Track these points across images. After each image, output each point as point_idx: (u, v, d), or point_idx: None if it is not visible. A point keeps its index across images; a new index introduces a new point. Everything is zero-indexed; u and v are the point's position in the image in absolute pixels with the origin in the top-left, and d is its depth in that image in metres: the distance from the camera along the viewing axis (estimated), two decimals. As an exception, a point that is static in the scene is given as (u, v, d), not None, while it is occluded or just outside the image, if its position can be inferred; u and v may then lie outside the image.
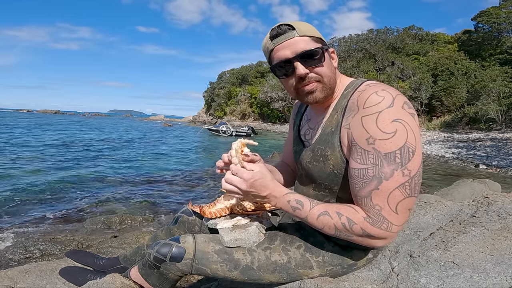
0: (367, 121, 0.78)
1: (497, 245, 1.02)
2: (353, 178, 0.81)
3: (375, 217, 0.78)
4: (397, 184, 0.75)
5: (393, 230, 0.79)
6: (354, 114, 0.82)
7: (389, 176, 0.75)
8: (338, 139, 0.86)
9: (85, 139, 18.17)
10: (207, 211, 1.11)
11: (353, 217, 0.80)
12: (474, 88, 23.59)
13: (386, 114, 0.76)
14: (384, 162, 0.75)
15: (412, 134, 0.75)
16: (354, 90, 0.88)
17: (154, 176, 7.94)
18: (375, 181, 0.76)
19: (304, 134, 1.07)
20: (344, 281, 0.95)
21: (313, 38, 0.88)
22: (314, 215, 0.84)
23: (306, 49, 0.86)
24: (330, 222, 0.82)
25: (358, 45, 38.01)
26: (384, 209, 0.77)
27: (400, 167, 0.75)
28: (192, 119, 72.85)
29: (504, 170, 9.82)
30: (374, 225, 0.78)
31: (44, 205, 4.91)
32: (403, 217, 0.79)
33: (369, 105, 0.78)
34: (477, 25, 31.45)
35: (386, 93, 0.78)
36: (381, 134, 0.75)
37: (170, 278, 0.97)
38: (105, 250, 2.46)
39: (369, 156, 0.77)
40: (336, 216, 0.81)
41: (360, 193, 0.80)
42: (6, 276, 1.32)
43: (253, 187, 0.86)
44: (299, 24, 0.88)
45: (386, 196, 0.76)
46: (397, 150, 0.75)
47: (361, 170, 0.79)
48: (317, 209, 0.84)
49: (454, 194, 1.98)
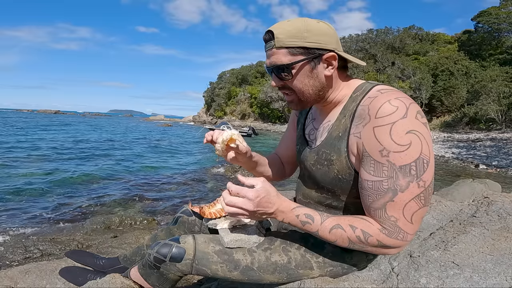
0: (380, 132, 0.75)
1: (497, 245, 1.02)
2: (366, 190, 0.80)
3: (391, 228, 0.77)
4: (412, 196, 0.75)
5: (408, 239, 0.79)
6: (365, 123, 0.79)
7: (404, 188, 0.74)
8: (345, 146, 0.84)
9: (85, 139, 18.17)
10: (207, 212, 1.11)
11: (368, 230, 0.79)
12: (474, 88, 23.61)
13: (400, 126, 0.74)
14: (400, 174, 0.74)
15: (426, 145, 0.74)
16: (364, 94, 0.85)
17: (154, 176, 7.94)
18: (390, 193, 0.75)
19: (308, 134, 1.06)
20: (344, 281, 0.95)
21: (290, 51, 0.82)
22: (326, 229, 0.82)
23: (277, 63, 0.84)
24: (343, 235, 0.81)
25: (358, 45, 38.02)
26: (400, 220, 0.77)
27: (415, 179, 0.74)
28: (192, 119, 72.87)
29: (504, 170, 9.82)
30: (390, 236, 0.78)
31: (44, 205, 4.91)
32: (417, 225, 0.79)
33: (382, 115, 0.75)
34: (477, 25, 31.46)
35: (400, 102, 0.76)
36: (395, 146, 0.74)
37: (170, 279, 0.97)
38: (105, 250, 2.46)
39: (383, 169, 0.76)
40: (350, 229, 0.80)
41: (373, 205, 0.79)
42: (6, 276, 1.32)
43: (260, 206, 0.81)
44: (282, 31, 0.82)
45: (402, 208, 0.76)
46: (413, 162, 0.73)
47: (375, 182, 0.77)
48: (328, 223, 0.82)
49: (454, 194, 1.98)
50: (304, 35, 0.82)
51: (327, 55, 0.84)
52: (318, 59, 0.84)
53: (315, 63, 0.85)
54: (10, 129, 24.53)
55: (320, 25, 0.84)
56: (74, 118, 66.70)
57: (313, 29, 0.83)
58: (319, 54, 0.83)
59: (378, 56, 33.85)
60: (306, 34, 0.82)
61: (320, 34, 0.83)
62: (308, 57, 0.83)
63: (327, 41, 0.83)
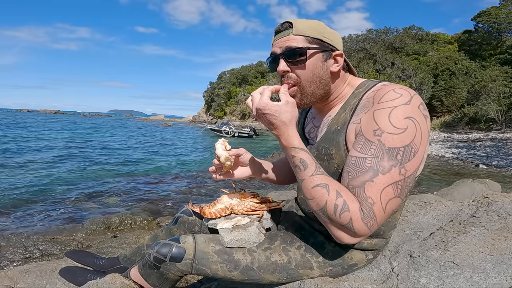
0: (379, 114, 0.76)
1: (497, 245, 1.02)
2: (348, 165, 0.79)
3: (367, 211, 0.74)
4: (392, 181, 0.74)
5: (372, 229, 0.76)
6: (367, 110, 0.80)
7: (386, 171, 0.73)
8: (343, 138, 0.85)
9: (84, 139, 18.17)
10: (207, 211, 1.11)
11: (350, 204, 0.74)
12: (474, 88, 23.60)
13: (400, 110, 0.74)
14: (386, 156, 0.74)
15: (420, 135, 0.74)
16: (368, 89, 0.86)
17: (154, 176, 7.94)
18: (371, 173, 0.74)
19: (308, 132, 1.06)
20: (344, 281, 0.95)
21: (308, 39, 0.86)
22: (312, 183, 0.78)
23: (292, 46, 0.86)
24: (323, 197, 0.77)
25: (358, 45, 38.02)
26: (376, 204, 0.74)
27: (398, 164, 0.73)
28: (192, 119, 72.87)
29: (504, 170, 9.82)
30: (363, 220, 0.74)
31: (44, 205, 4.91)
32: (386, 218, 0.76)
33: (385, 100, 0.77)
34: (477, 25, 31.47)
35: (405, 91, 0.77)
36: (391, 128, 0.74)
37: (170, 278, 0.97)
38: (105, 250, 2.46)
39: (371, 147, 0.75)
40: (334, 194, 0.76)
41: (352, 182, 0.76)
42: (6, 276, 1.32)
43: (268, 109, 0.80)
44: (301, 22, 0.87)
45: (380, 191, 0.73)
46: (401, 147, 0.73)
47: (358, 158, 0.76)
48: (318, 178, 0.79)
49: (454, 194, 1.98)
50: (322, 31, 0.88)
51: (336, 53, 0.90)
52: (329, 54, 0.89)
53: (327, 56, 0.89)
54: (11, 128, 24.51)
55: (332, 30, 0.92)
56: (76, 118, 66.72)
57: (328, 30, 0.90)
58: (331, 49, 0.89)
59: (378, 56, 33.85)
60: (323, 30, 0.89)
61: (333, 36, 0.90)
62: (323, 48, 0.88)
63: (337, 42, 0.91)
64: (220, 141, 1.03)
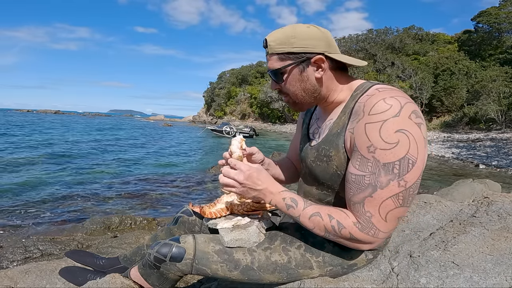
0: (370, 129, 0.77)
1: (497, 245, 1.02)
2: (349, 182, 0.82)
3: (364, 223, 0.80)
4: (390, 194, 0.76)
5: (379, 236, 0.81)
6: (359, 120, 0.81)
7: (384, 186, 0.76)
8: (342, 141, 0.86)
9: (85, 140, 18.16)
10: (207, 211, 1.11)
11: (343, 221, 0.82)
12: (474, 88, 23.60)
13: (390, 124, 0.74)
14: (382, 171, 0.75)
15: (415, 145, 0.74)
16: (363, 92, 0.86)
17: (154, 176, 7.94)
18: (370, 189, 0.77)
19: (312, 133, 1.07)
20: (344, 281, 0.95)
21: (280, 56, 0.88)
22: (307, 215, 0.86)
23: (271, 69, 0.91)
24: (321, 223, 0.84)
25: (358, 45, 38.04)
26: (374, 217, 0.78)
27: (397, 177, 0.75)
28: (192, 119, 72.87)
29: (504, 170, 9.82)
30: (362, 231, 0.80)
31: (44, 205, 4.91)
32: (392, 225, 0.80)
33: (375, 112, 0.77)
34: (477, 25, 31.50)
35: (395, 100, 0.76)
36: (382, 144, 0.75)
37: (170, 278, 0.97)
38: (105, 250, 2.46)
39: (368, 164, 0.77)
40: (327, 218, 0.83)
41: (353, 198, 0.81)
42: (6, 276, 1.32)
43: (249, 179, 0.88)
44: (272, 38, 0.88)
45: (378, 205, 0.77)
46: (397, 161, 0.74)
47: (358, 176, 0.79)
48: (310, 210, 0.86)
49: (454, 194, 1.98)
50: (291, 41, 0.86)
51: (315, 58, 0.86)
52: (307, 63, 0.87)
53: (304, 67, 0.88)
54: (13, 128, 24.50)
55: (309, 30, 0.87)
56: (77, 118, 66.71)
57: (300, 35, 0.86)
58: (307, 58, 0.86)
59: (378, 56, 33.86)
60: (293, 40, 0.86)
61: (307, 39, 0.85)
62: (295, 61, 0.87)
63: (315, 44, 0.86)
64: (238, 138, 1.02)
